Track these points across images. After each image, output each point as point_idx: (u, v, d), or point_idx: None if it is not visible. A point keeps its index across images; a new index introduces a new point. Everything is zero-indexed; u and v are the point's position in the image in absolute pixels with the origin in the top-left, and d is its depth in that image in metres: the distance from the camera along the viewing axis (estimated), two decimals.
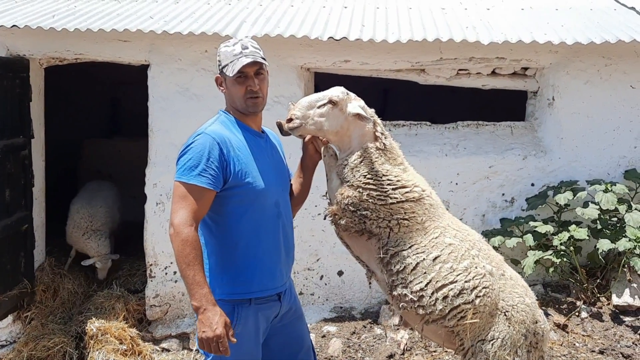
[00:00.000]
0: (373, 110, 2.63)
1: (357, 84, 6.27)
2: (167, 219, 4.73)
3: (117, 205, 5.83)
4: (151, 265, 4.80)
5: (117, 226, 6.01)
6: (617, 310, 4.24)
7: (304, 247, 4.74)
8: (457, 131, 4.92)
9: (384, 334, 4.38)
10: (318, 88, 5.43)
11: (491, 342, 2.56)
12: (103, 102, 8.40)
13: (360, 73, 4.92)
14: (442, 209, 2.67)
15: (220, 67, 2.35)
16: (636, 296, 4.23)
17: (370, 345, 4.28)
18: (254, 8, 5.13)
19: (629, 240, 4.12)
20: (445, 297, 2.51)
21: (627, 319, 4.20)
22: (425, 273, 2.51)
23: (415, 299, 2.51)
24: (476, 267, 2.55)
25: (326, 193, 2.74)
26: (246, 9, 5.10)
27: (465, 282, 2.51)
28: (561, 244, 4.22)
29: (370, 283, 2.76)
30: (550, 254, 4.25)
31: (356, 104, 2.55)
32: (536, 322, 2.66)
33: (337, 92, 2.56)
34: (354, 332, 4.45)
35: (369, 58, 4.69)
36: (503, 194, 4.74)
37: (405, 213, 2.53)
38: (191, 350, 4.61)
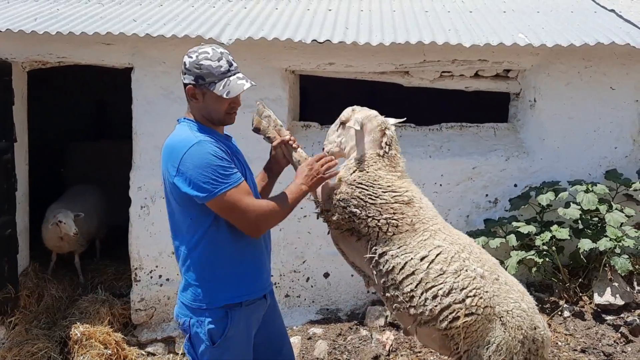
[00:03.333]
0: (385, 118, 2.74)
1: (344, 87, 6.33)
2: (152, 222, 4.75)
3: (98, 210, 5.78)
4: (136, 269, 4.79)
5: (100, 230, 5.98)
6: (598, 309, 4.29)
7: (289, 249, 4.75)
8: (441, 133, 4.96)
9: (369, 335, 4.40)
10: (304, 90, 5.50)
11: (486, 347, 2.54)
12: (89, 105, 8.34)
13: (344, 75, 4.94)
14: (433, 213, 2.70)
15: (202, 81, 2.25)
16: (617, 295, 4.28)
17: (356, 346, 4.30)
18: (239, 11, 5.13)
19: (610, 240, 4.16)
20: (434, 297, 2.52)
21: (608, 317, 4.25)
22: (413, 273, 2.54)
23: (407, 299, 2.55)
24: (466, 270, 2.56)
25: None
26: (230, 11, 5.11)
27: (454, 282, 2.52)
28: (543, 244, 4.26)
29: (368, 289, 2.78)
30: (533, 254, 4.29)
31: (357, 118, 2.70)
32: (535, 329, 2.62)
33: (345, 112, 2.79)
34: (339, 334, 4.46)
35: (353, 60, 4.72)
36: (487, 195, 4.78)
37: (394, 213, 2.58)
38: (177, 354, 4.60)
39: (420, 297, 2.54)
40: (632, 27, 4.72)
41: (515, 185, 4.77)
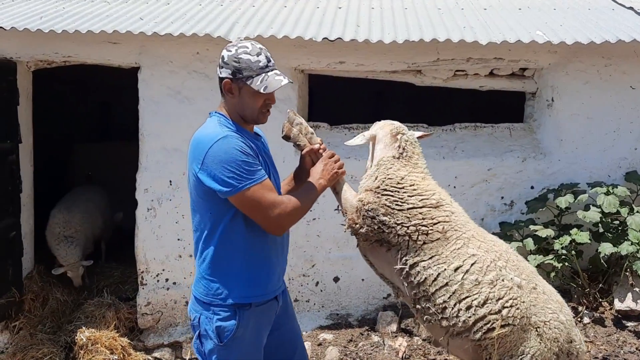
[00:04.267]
0: (399, 124, 2.73)
1: (349, 87, 6.22)
2: (159, 224, 4.66)
3: (101, 211, 5.70)
4: (142, 272, 4.69)
5: (105, 232, 5.90)
6: (619, 316, 4.16)
7: (298, 253, 4.64)
8: (455, 133, 4.84)
9: (381, 341, 4.28)
10: (312, 91, 5.39)
11: (520, 357, 2.45)
12: (94, 107, 8.28)
13: (355, 75, 4.83)
14: (465, 218, 2.62)
15: (240, 75, 2.23)
16: (639, 301, 4.14)
17: (368, 353, 4.18)
18: (247, 9, 5.03)
19: (632, 244, 4.03)
20: (468, 308, 2.44)
21: (630, 324, 4.11)
22: (447, 284, 2.45)
23: (439, 311, 2.47)
24: (503, 280, 2.46)
25: (338, 207, 2.75)
26: (239, 9, 5.00)
27: (490, 292, 2.43)
28: (562, 248, 4.13)
29: (398, 302, 2.72)
30: (551, 258, 4.16)
31: (364, 133, 2.77)
32: (571, 342, 2.54)
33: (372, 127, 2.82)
34: (350, 340, 4.34)
35: (364, 59, 4.60)
36: (502, 197, 4.65)
37: (423, 219, 2.49)
38: (184, 359, 4.49)
39: (453, 309, 2.45)
40: None
41: (532, 188, 4.63)
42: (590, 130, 4.63)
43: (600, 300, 4.27)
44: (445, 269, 2.46)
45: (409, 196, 2.52)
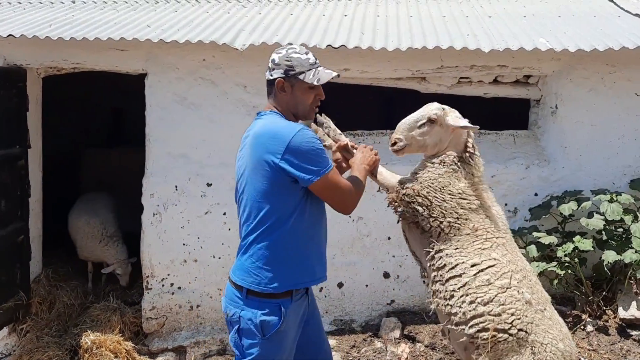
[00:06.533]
0: (467, 120, 2.73)
1: (361, 94, 6.24)
2: (164, 229, 4.70)
3: (113, 216, 5.76)
4: (148, 277, 4.73)
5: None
6: (623, 324, 4.13)
7: None
8: None
9: (384, 347, 4.28)
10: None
11: None
12: (105, 112, 8.36)
13: (359, 82, 4.86)
14: (504, 226, 2.73)
15: (293, 72, 2.42)
16: None
17: (370, 359, 4.19)
18: (253, 16, 5.08)
19: (635, 252, 4.01)
20: (472, 302, 2.54)
21: (634, 332, 4.08)
22: (461, 275, 2.58)
23: (447, 297, 2.60)
24: (514, 290, 2.53)
25: (379, 188, 2.94)
26: (245, 17, 5.06)
27: (497, 295, 2.52)
28: (565, 255, 4.12)
29: (423, 280, 2.86)
30: (555, 266, 4.15)
31: (455, 117, 2.72)
32: None
33: (434, 109, 2.74)
34: (353, 346, 4.35)
35: (368, 66, 4.63)
36: (506, 204, 4.65)
37: (458, 218, 2.62)
38: None
39: (458, 299, 2.57)
40: None
41: (536, 195, 4.63)
42: (594, 138, 4.63)
43: (604, 308, 4.25)
44: (464, 262, 2.59)
45: (450, 197, 2.63)
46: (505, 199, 4.64)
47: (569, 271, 4.15)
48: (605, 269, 4.21)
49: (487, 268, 2.57)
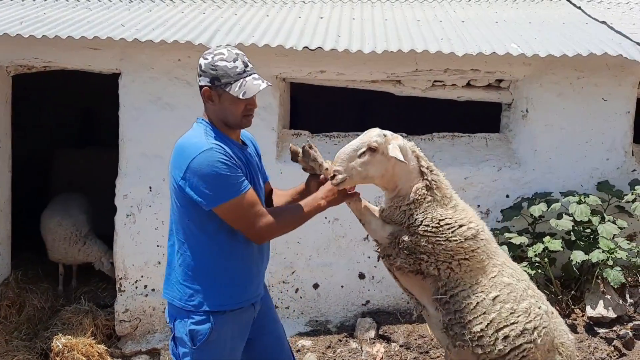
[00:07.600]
0: (412, 143, 2.58)
1: (335, 96, 6.28)
2: (138, 231, 4.65)
3: (87, 217, 5.67)
4: (121, 279, 4.67)
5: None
6: (591, 322, 4.24)
7: (278, 259, 4.66)
8: (433, 142, 4.92)
9: (359, 347, 4.31)
10: (295, 99, 5.44)
11: None
12: (75, 112, 8.21)
13: (336, 84, 4.89)
14: (495, 244, 2.68)
15: (218, 82, 2.25)
16: (610, 308, 4.23)
17: (346, 359, 4.21)
18: (229, 17, 5.07)
19: (602, 252, 4.13)
20: (505, 337, 2.48)
21: (601, 330, 4.20)
22: (485, 313, 2.48)
23: (475, 338, 2.48)
24: (535, 307, 2.58)
25: (367, 235, 2.73)
26: (220, 17, 5.04)
27: (527, 322, 2.52)
28: (536, 255, 4.22)
29: (415, 315, 2.78)
30: (525, 266, 4.24)
31: (395, 145, 2.47)
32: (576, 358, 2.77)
33: (374, 136, 2.49)
34: (329, 346, 4.37)
35: (345, 69, 4.67)
36: (479, 206, 4.73)
37: (465, 253, 2.50)
38: None
39: (490, 337, 2.48)
40: (623, 39, 4.72)
41: (507, 196, 4.73)
42: (563, 141, 4.75)
43: (573, 307, 4.36)
44: (484, 299, 2.48)
45: (451, 233, 2.46)
46: (478, 200, 4.72)
47: (539, 271, 4.25)
48: (574, 268, 4.33)
49: (506, 296, 2.50)
